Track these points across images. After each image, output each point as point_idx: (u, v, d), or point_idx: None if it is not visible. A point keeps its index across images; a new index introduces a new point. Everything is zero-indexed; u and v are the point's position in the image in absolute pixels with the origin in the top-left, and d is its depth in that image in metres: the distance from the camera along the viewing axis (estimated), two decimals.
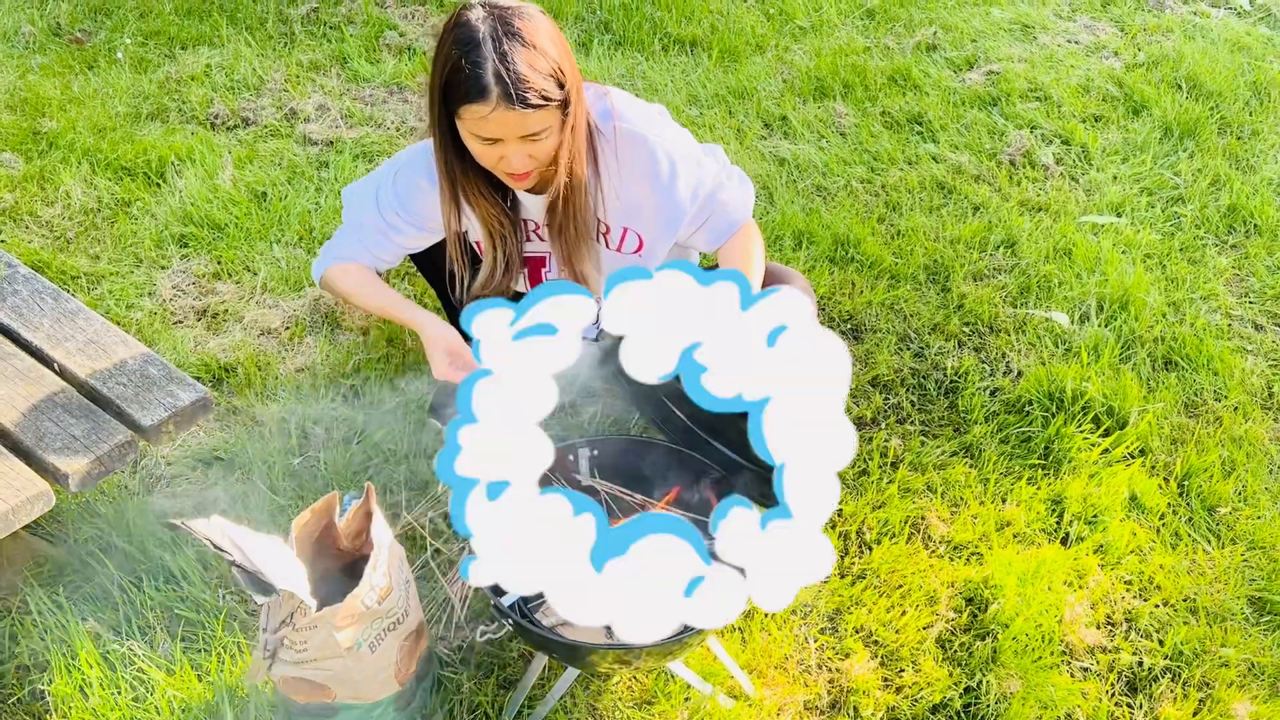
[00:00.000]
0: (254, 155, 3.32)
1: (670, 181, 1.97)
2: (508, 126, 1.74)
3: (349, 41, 3.88)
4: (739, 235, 2.05)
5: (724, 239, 2.05)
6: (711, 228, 2.05)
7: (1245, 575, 2.17)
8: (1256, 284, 2.90)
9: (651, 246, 2.05)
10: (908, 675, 1.97)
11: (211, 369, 2.58)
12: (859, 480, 2.33)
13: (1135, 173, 3.27)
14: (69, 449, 1.82)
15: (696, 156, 2.00)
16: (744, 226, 2.06)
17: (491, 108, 1.71)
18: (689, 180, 1.98)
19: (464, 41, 1.71)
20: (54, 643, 1.97)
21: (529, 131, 1.75)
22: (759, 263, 2.01)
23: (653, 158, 1.95)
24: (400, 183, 2.03)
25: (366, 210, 2.08)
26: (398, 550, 1.77)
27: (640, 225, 2.03)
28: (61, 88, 3.63)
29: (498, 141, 1.77)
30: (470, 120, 1.75)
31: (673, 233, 2.03)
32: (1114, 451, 2.39)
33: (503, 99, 1.70)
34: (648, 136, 1.95)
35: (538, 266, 2.13)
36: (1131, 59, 3.84)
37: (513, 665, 1.98)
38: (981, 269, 2.91)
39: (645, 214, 2.01)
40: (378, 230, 2.07)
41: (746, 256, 2.01)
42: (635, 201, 1.99)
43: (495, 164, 1.83)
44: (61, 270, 2.87)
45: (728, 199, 2.04)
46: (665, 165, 1.96)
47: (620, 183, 1.97)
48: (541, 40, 1.74)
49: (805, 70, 3.73)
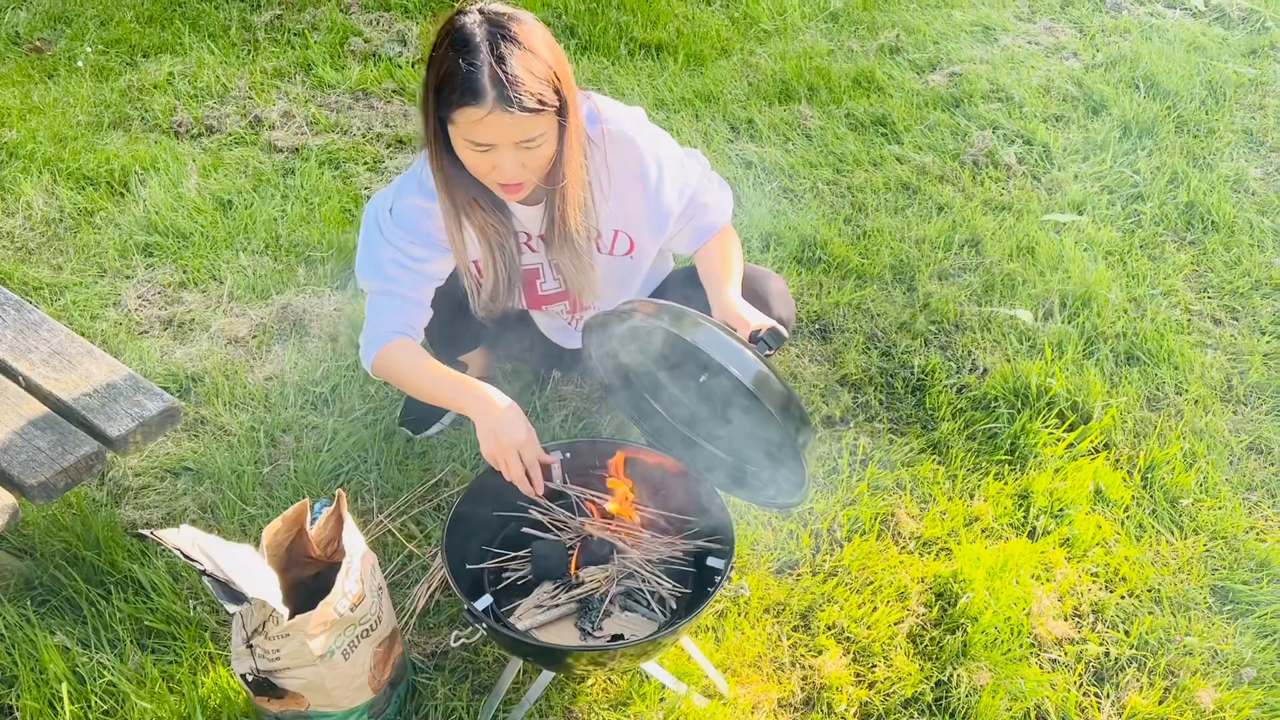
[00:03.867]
0: (219, 163, 3.30)
1: (659, 184, 1.98)
2: (503, 131, 1.70)
3: (314, 48, 3.86)
4: (718, 237, 2.06)
5: (703, 241, 2.06)
6: (693, 230, 2.06)
7: (1207, 565, 2.21)
8: (1215, 279, 2.95)
9: (641, 248, 2.07)
10: (880, 670, 1.99)
11: (179, 379, 2.57)
12: (830, 478, 2.35)
13: (1096, 171, 3.32)
14: (34, 461, 1.81)
15: (680, 159, 2.02)
16: (724, 229, 2.07)
17: (487, 110, 1.67)
18: (675, 183, 2.00)
19: (459, 45, 1.68)
20: (22, 657, 1.94)
21: (524, 137, 1.72)
22: (738, 264, 2.02)
23: (642, 160, 1.95)
24: (399, 209, 1.96)
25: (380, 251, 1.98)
26: (370, 557, 1.76)
27: (630, 227, 2.03)
28: (21, 97, 3.59)
29: (491, 149, 1.73)
30: (464, 124, 1.70)
31: (660, 235, 2.04)
32: (1079, 446, 2.43)
33: (498, 101, 1.66)
34: (636, 139, 1.95)
35: (532, 279, 2.11)
36: (1091, 60, 3.90)
37: (487, 670, 1.98)
38: (947, 268, 2.94)
39: (635, 216, 2.01)
40: (399, 266, 1.96)
41: (725, 258, 2.02)
42: (626, 204, 2.00)
43: (488, 173, 1.78)
44: (24, 281, 2.84)
45: (710, 202, 2.06)
46: (654, 168, 1.96)
47: (612, 186, 1.97)
48: (538, 45, 1.72)
49: (770, 73, 3.76)
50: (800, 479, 1.73)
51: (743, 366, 1.57)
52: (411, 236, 1.95)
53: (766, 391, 1.58)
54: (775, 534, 2.23)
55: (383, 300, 1.97)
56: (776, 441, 1.77)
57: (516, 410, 1.81)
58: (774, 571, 2.17)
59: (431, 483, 2.33)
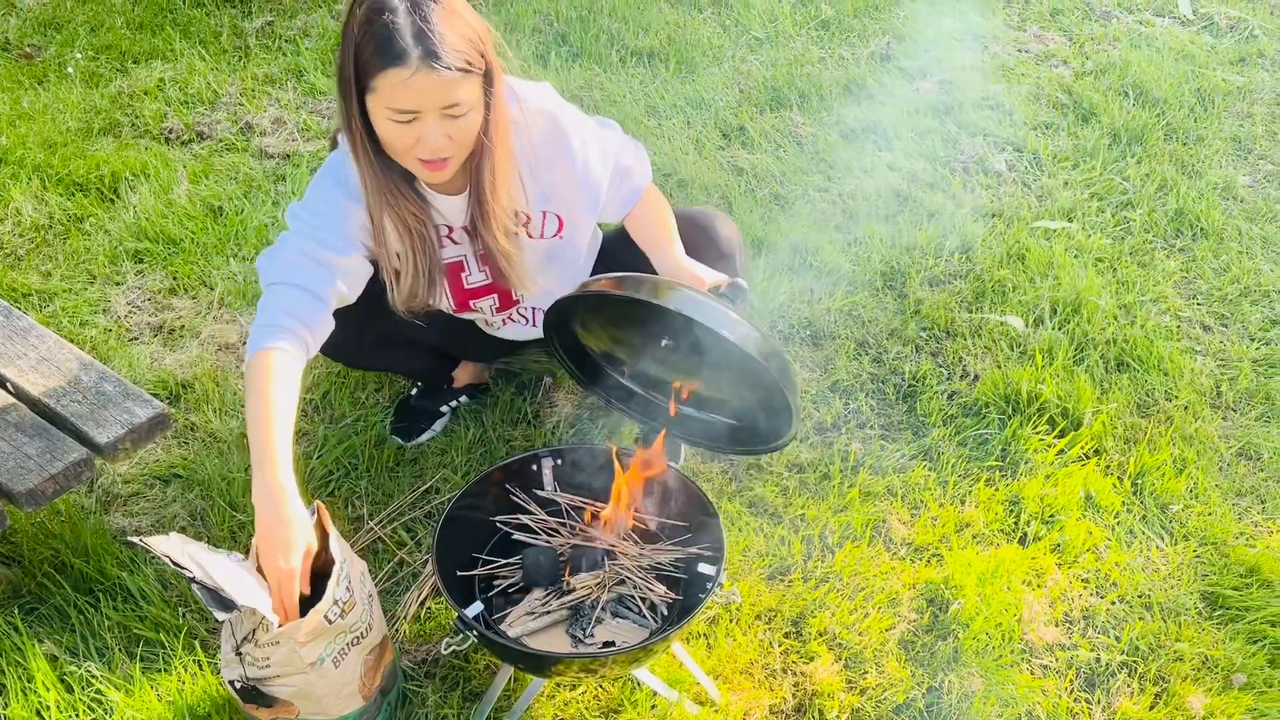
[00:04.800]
0: (209, 169, 3.29)
1: (585, 157, 1.91)
2: (428, 94, 1.61)
3: (305, 54, 3.86)
4: (645, 201, 2.02)
5: (630, 206, 2.02)
6: (621, 196, 2.01)
7: (1198, 571, 2.22)
8: (1204, 286, 2.96)
9: (573, 226, 2.00)
10: (871, 677, 1.99)
11: (169, 385, 2.56)
12: (821, 484, 2.35)
13: (1085, 178, 3.34)
14: (22, 468, 1.80)
15: (597, 128, 1.96)
16: (648, 189, 2.03)
17: (412, 70, 1.58)
18: (599, 153, 1.94)
19: (377, 8, 1.59)
20: (9, 665, 1.93)
21: (450, 102, 1.63)
22: (672, 222, 1.98)
23: (566, 135, 1.89)
24: (312, 198, 1.84)
25: (287, 243, 1.81)
26: (360, 564, 1.76)
27: (559, 206, 1.96)
28: (11, 103, 3.58)
29: (415, 118, 1.64)
30: (387, 90, 1.60)
31: (595, 209, 1.98)
32: (1069, 452, 2.43)
33: (423, 59, 1.58)
34: (557, 113, 1.88)
35: (456, 272, 2.02)
36: (1080, 67, 3.91)
37: (478, 677, 1.97)
38: (937, 274, 2.95)
39: (563, 194, 1.95)
40: (305, 255, 1.79)
41: (660, 218, 1.98)
42: (552, 183, 1.93)
43: (411, 148, 1.68)
44: (12, 288, 2.83)
45: (631, 165, 2.01)
46: (578, 141, 1.90)
47: (538, 165, 1.90)
48: (460, 8, 1.65)
49: (762, 80, 3.77)
50: (789, 416, 1.72)
51: (726, 324, 1.57)
52: (324, 225, 1.80)
53: (752, 343, 1.58)
54: (767, 540, 2.23)
55: (280, 292, 1.76)
56: (764, 388, 1.75)
57: (303, 529, 1.62)
58: (765, 578, 2.16)
59: (422, 489, 2.32)
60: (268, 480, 1.60)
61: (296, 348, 1.71)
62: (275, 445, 1.61)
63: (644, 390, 2.03)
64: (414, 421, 2.44)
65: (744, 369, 1.72)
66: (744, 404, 1.91)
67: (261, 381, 1.66)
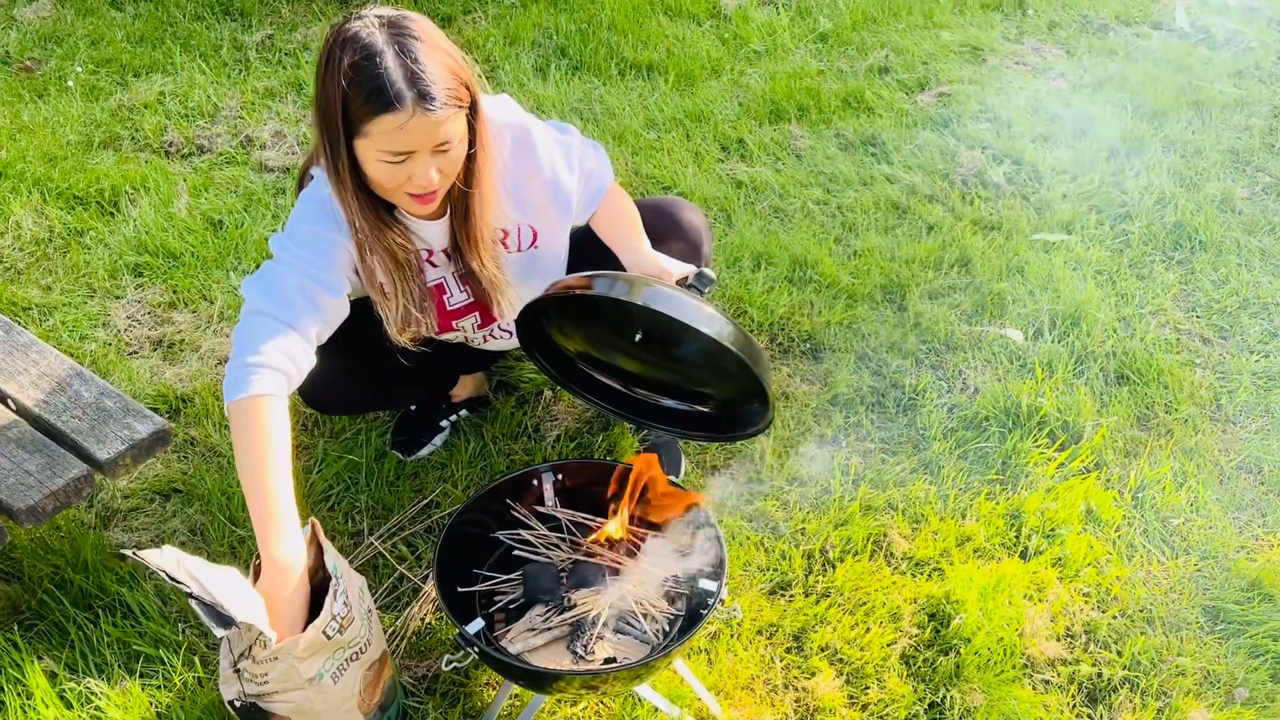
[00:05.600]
0: (209, 183, 3.29)
1: (553, 166, 1.93)
2: (422, 135, 1.61)
3: (305, 68, 3.87)
4: (609, 199, 2.03)
5: (595, 206, 2.03)
6: (586, 197, 2.02)
7: (1199, 585, 2.22)
8: (1203, 298, 2.97)
9: (548, 235, 2.00)
10: (873, 692, 1.98)
11: (168, 399, 2.55)
12: (821, 498, 2.35)
13: (1084, 191, 3.34)
14: (23, 485, 1.80)
15: (557, 135, 1.97)
16: (611, 187, 2.04)
17: (409, 115, 1.58)
18: (564, 160, 1.95)
19: (362, 51, 1.57)
20: (8, 682, 1.93)
21: (441, 140, 1.63)
22: (637, 216, 2.00)
23: (534, 147, 1.90)
24: (302, 234, 1.79)
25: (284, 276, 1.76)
26: (358, 579, 1.75)
27: (531, 217, 1.97)
28: (11, 117, 3.58)
29: (407, 158, 1.64)
30: (380, 135, 1.60)
31: (568, 216, 1.99)
32: (1070, 465, 2.43)
33: (417, 103, 1.58)
34: (526, 125, 1.90)
35: (438, 295, 2.00)
36: (1078, 80, 3.93)
37: (479, 693, 1.96)
38: (937, 287, 2.95)
39: (535, 205, 1.95)
40: (300, 293, 1.74)
41: (625, 214, 1.99)
42: (526, 195, 1.93)
43: (402, 184, 1.68)
44: (12, 302, 2.83)
45: (593, 166, 2.02)
46: (544, 152, 1.91)
47: (509, 179, 1.90)
48: (440, 41, 1.65)
49: (761, 94, 3.78)
50: (765, 399, 1.74)
51: (698, 317, 1.59)
52: (317, 261, 1.77)
53: (724, 333, 1.60)
54: (768, 555, 2.22)
55: (266, 325, 1.70)
56: (739, 375, 1.76)
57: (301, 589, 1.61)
58: (766, 593, 2.16)
59: (422, 504, 2.32)
60: (272, 551, 1.58)
61: (284, 390, 1.68)
62: (278, 504, 1.59)
63: (624, 387, 2.04)
64: (414, 436, 2.44)
65: (719, 358, 1.75)
66: (722, 393, 1.94)
67: (256, 432, 1.61)
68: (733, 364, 1.69)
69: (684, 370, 1.91)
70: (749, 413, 1.91)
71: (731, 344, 1.60)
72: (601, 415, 2.45)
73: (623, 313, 1.77)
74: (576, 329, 1.95)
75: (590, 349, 1.99)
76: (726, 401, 1.95)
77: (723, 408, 1.97)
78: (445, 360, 2.27)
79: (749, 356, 1.63)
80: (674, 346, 1.81)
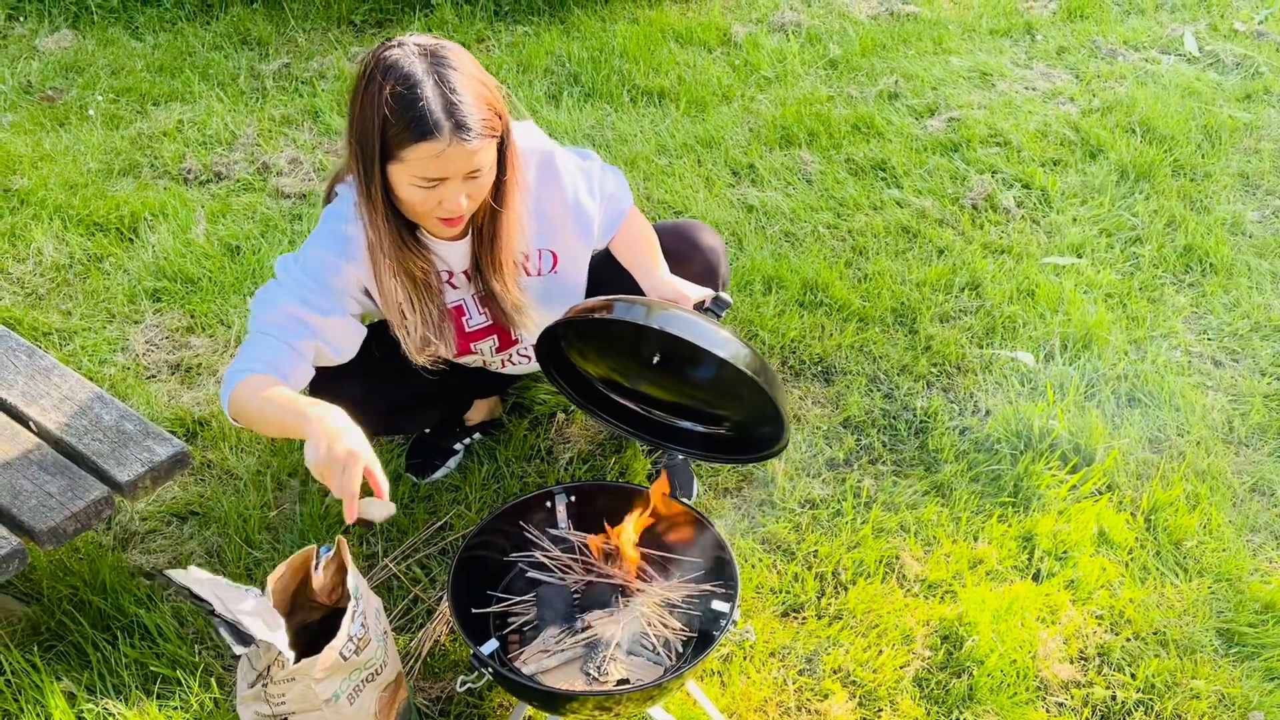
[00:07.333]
0: (227, 209, 3.34)
1: (575, 190, 1.97)
2: (457, 163, 1.65)
3: (321, 96, 3.92)
4: (628, 224, 2.06)
5: (615, 230, 2.06)
6: (606, 221, 2.05)
7: (1213, 607, 2.21)
8: (1214, 321, 2.97)
9: (569, 260, 2.03)
10: (886, 715, 1.98)
11: (185, 423, 2.58)
12: (834, 521, 2.35)
13: (1094, 214, 3.36)
14: (45, 506, 1.82)
15: (579, 161, 2.02)
16: (630, 211, 2.08)
17: (445, 144, 1.63)
18: (586, 185, 1.99)
19: (403, 81, 1.62)
20: (28, 703, 1.94)
21: (475, 167, 1.68)
22: (655, 240, 2.03)
23: (558, 171, 1.95)
24: (307, 259, 1.86)
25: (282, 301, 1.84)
26: (375, 601, 1.77)
27: (554, 243, 2.00)
28: (33, 145, 3.64)
29: (439, 184, 1.68)
30: (416, 162, 1.65)
31: (589, 240, 2.03)
32: (1082, 488, 2.43)
33: (454, 132, 1.62)
34: (549, 151, 1.94)
35: (458, 316, 2.04)
36: (1087, 105, 3.95)
37: (493, 715, 1.97)
38: (948, 311, 2.96)
39: (558, 230, 1.99)
40: (291, 318, 1.82)
41: (644, 238, 2.03)
42: (550, 219, 1.97)
43: (432, 209, 1.72)
44: (33, 327, 2.87)
45: (613, 190, 2.06)
46: (568, 177, 1.96)
47: (536, 204, 1.94)
48: (475, 70, 1.70)
49: (771, 119, 3.81)
50: (781, 423, 1.76)
51: (713, 340, 1.62)
52: (311, 284, 1.84)
53: (740, 357, 1.63)
54: (780, 577, 2.23)
55: (263, 341, 1.80)
56: (755, 399, 1.78)
57: (355, 428, 1.61)
58: (779, 614, 2.17)
59: (436, 526, 2.34)
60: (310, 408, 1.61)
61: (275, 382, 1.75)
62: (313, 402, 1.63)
63: (642, 409, 2.06)
64: (428, 458, 2.46)
65: (735, 382, 1.76)
66: (738, 415, 1.95)
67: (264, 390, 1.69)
68: (748, 387, 1.71)
69: (701, 393, 1.93)
70: (764, 435, 1.92)
71: (747, 368, 1.62)
72: (616, 437, 2.47)
73: (641, 336, 1.79)
74: (595, 352, 1.97)
75: (609, 372, 2.01)
76: (742, 424, 1.97)
77: (738, 430, 1.99)
78: (461, 384, 2.30)
79: (764, 380, 1.65)
80: (691, 369, 1.84)
